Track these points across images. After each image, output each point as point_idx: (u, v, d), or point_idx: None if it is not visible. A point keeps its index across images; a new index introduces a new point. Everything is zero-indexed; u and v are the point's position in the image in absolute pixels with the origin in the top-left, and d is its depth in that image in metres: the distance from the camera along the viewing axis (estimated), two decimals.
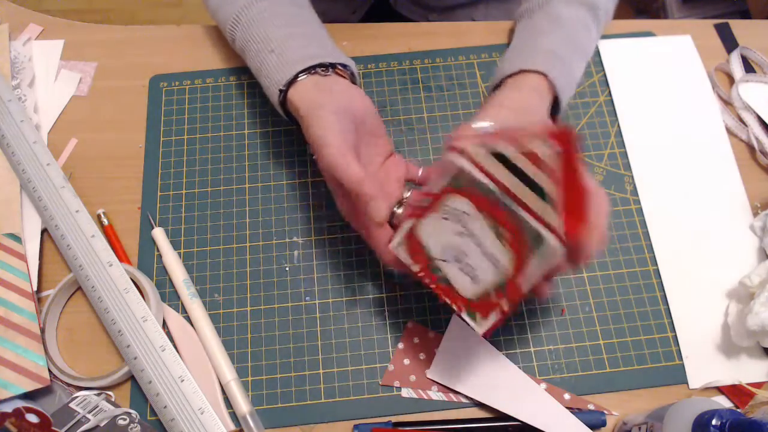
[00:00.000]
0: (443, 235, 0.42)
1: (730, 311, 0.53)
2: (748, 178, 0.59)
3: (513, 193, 0.39)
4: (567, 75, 0.53)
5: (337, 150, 0.44)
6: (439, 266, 0.43)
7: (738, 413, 0.39)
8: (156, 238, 0.56)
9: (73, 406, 0.48)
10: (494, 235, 0.41)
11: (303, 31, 0.54)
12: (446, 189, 0.41)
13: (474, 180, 0.40)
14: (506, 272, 0.41)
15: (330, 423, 0.50)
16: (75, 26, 0.68)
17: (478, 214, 0.41)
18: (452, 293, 0.43)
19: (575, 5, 0.57)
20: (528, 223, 0.39)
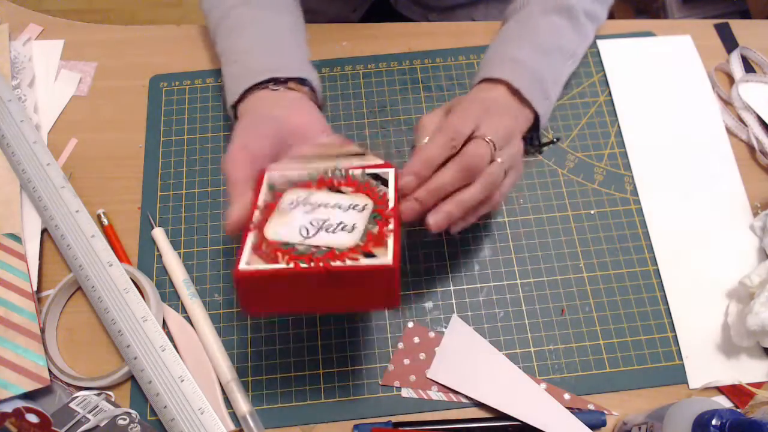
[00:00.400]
0: (294, 222, 0.40)
1: (730, 311, 0.53)
2: (748, 178, 0.59)
3: (330, 167, 0.43)
4: (535, 81, 0.53)
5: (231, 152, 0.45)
6: (307, 244, 0.39)
7: (738, 413, 0.39)
8: (156, 238, 0.56)
9: (73, 406, 0.48)
10: (339, 194, 0.42)
11: (267, 42, 0.54)
12: (273, 197, 0.42)
13: (289, 177, 0.43)
14: (370, 206, 0.41)
15: (330, 423, 0.50)
16: (75, 26, 0.68)
17: (311, 191, 0.42)
18: (334, 256, 0.38)
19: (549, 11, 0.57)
20: (361, 171, 0.43)
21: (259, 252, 0.38)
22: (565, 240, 0.56)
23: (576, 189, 0.58)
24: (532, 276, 0.55)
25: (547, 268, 0.55)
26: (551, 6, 0.57)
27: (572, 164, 0.60)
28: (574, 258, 0.55)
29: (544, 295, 0.54)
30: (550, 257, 0.55)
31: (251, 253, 0.38)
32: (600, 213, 0.57)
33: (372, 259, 0.37)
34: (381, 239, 0.38)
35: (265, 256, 0.38)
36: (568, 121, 0.62)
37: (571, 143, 0.61)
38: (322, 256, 0.37)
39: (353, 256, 0.37)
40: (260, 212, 0.41)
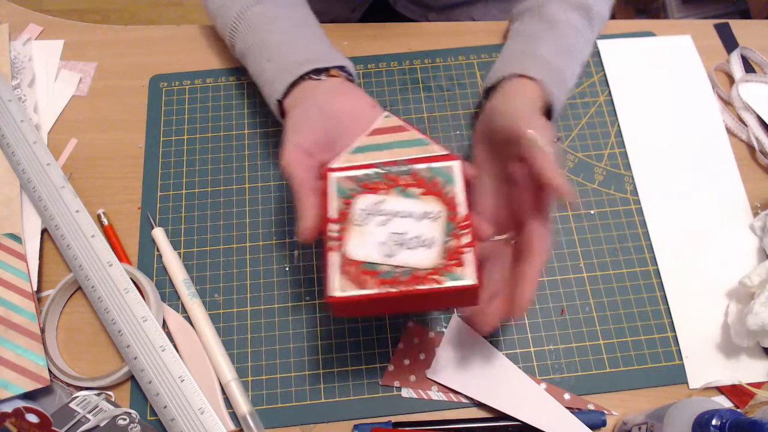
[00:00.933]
0: (372, 237, 0.41)
1: (730, 311, 0.53)
2: (748, 178, 0.59)
3: (393, 161, 0.42)
4: (560, 83, 0.53)
5: (288, 150, 0.45)
6: (391, 264, 0.40)
7: (738, 413, 0.39)
8: (156, 238, 0.56)
9: (73, 406, 0.48)
10: (410, 198, 0.42)
11: (297, 34, 0.54)
12: (343, 204, 0.42)
13: (355, 178, 0.42)
14: (443, 213, 0.41)
15: (330, 423, 0.50)
16: (75, 26, 0.68)
17: (383, 197, 0.42)
18: (419, 278, 0.39)
19: (569, 9, 0.56)
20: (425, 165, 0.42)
21: (346, 274, 0.40)
22: (565, 240, 0.56)
23: (576, 189, 0.58)
24: None
25: (547, 268, 0.55)
26: (571, 4, 0.57)
27: (572, 164, 0.60)
28: (574, 258, 0.55)
29: (544, 295, 0.54)
30: (550, 257, 0.55)
31: (339, 276, 0.40)
32: (600, 213, 0.57)
33: (455, 280, 0.39)
34: (459, 256, 0.40)
35: (353, 279, 0.40)
36: (568, 121, 0.62)
37: (571, 143, 0.61)
38: (408, 279, 0.39)
39: (437, 278, 0.39)
40: (336, 225, 0.41)
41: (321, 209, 0.43)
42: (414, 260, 0.40)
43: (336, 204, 0.42)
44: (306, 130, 0.46)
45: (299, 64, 0.51)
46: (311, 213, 0.42)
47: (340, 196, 0.42)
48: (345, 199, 0.42)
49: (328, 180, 0.43)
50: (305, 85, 0.50)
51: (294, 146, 0.45)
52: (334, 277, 0.40)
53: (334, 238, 0.41)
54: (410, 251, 0.40)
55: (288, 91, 0.51)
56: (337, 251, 0.41)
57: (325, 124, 0.47)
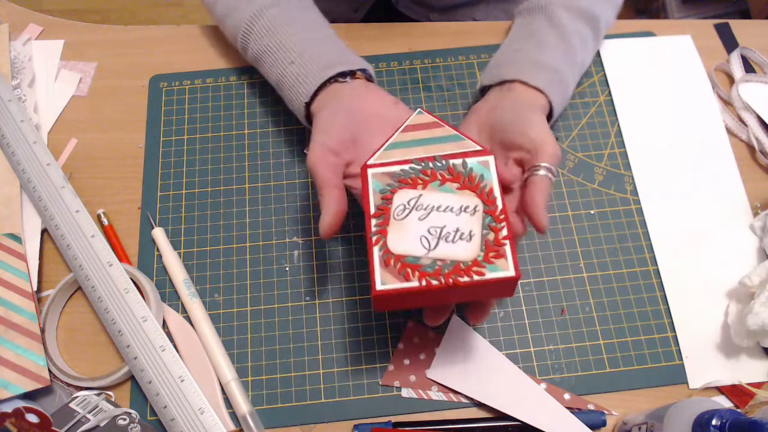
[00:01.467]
0: (412, 231, 0.42)
1: (730, 311, 0.53)
2: (748, 178, 0.59)
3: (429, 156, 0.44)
4: (564, 96, 0.54)
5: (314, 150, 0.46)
6: (432, 258, 0.41)
7: (738, 413, 0.39)
8: (156, 238, 0.56)
9: (73, 406, 0.48)
10: (447, 192, 0.43)
11: (317, 37, 0.55)
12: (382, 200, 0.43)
13: (392, 173, 0.43)
14: (481, 207, 0.42)
15: (330, 423, 0.50)
16: (75, 26, 0.68)
17: (420, 192, 0.43)
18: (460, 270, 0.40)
19: (578, 19, 0.56)
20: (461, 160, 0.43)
21: (388, 268, 0.41)
22: (565, 240, 0.56)
23: (576, 189, 0.58)
24: (532, 276, 0.55)
25: (547, 268, 0.55)
26: (579, 14, 0.56)
27: (572, 164, 0.60)
28: (574, 258, 0.55)
29: (544, 295, 0.54)
30: (550, 257, 0.55)
31: (383, 270, 0.41)
32: (600, 213, 0.57)
33: (496, 272, 0.40)
34: (499, 248, 0.41)
35: (396, 273, 0.41)
36: (568, 121, 0.62)
37: (571, 143, 0.61)
38: (450, 272, 0.40)
39: (478, 270, 0.40)
40: (376, 220, 0.42)
41: (341, 206, 0.44)
42: (455, 253, 0.41)
43: (375, 200, 0.43)
44: (333, 130, 0.47)
45: (325, 67, 0.51)
46: (330, 210, 0.44)
47: (378, 192, 0.43)
48: (383, 195, 0.43)
49: (367, 176, 0.44)
50: (332, 88, 0.51)
51: (320, 146, 0.46)
52: (377, 272, 0.41)
53: (376, 233, 0.42)
54: (450, 244, 0.41)
55: (315, 94, 0.51)
56: (379, 246, 0.42)
57: (351, 124, 0.48)
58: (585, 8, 0.56)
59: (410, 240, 0.42)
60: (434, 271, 0.41)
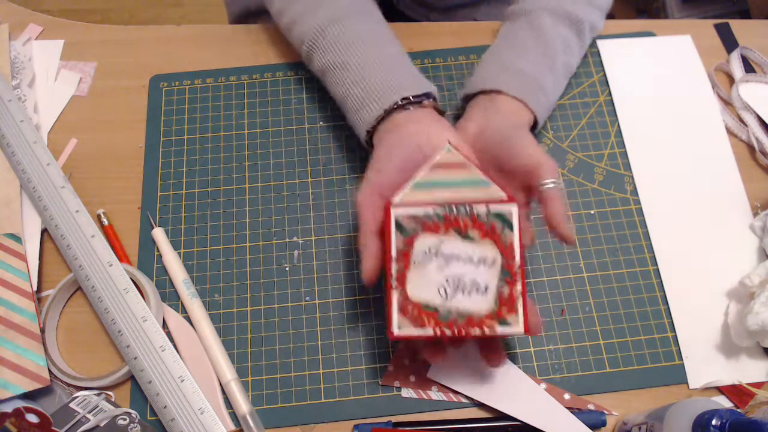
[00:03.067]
0: (431, 278, 0.44)
1: (730, 311, 0.53)
2: (748, 178, 0.59)
3: (454, 201, 0.44)
4: (545, 103, 0.54)
5: (363, 189, 0.46)
6: (447, 308, 0.43)
7: (738, 413, 0.39)
8: (156, 238, 0.56)
9: (73, 406, 0.48)
10: (468, 241, 0.44)
11: (382, 56, 0.53)
12: (404, 244, 0.44)
13: (416, 216, 0.44)
14: (499, 258, 0.43)
15: (330, 423, 0.50)
16: (75, 26, 0.68)
17: (442, 238, 0.44)
18: (473, 322, 0.43)
19: (560, 23, 0.56)
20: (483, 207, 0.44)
21: (406, 313, 0.43)
22: None
23: (576, 189, 0.58)
24: (532, 276, 0.55)
25: (547, 268, 0.55)
26: (562, 17, 0.56)
27: (572, 164, 0.60)
28: (574, 258, 0.55)
29: (544, 295, 0.54)
30: (550, 257, 0.55)
31: (400, 315, 0.43)
32: (600, 213, 0.57)
33: (506, 327, 0.43)
34: (512, 304, 0.43)
35: (413, 319, 0.43)
36: (568, 121, 0.62)
37: (571, 143, 0.61)
38: (463, 323, 0.43)
39: (489, 324, 0.43)
40: (396, 264, 0.44)
41: (381, 252, 0.45)
42: (469, 305, 0.43)
43: (397, 242, 0.44)
44: (387, 170, 0.47)
45: (387, 90, 0.50)
46: (371, 259, 0.45)
47: (401, 235, 0.44)
48: (406, 238, 0.44)
49: (391, 216, 0.44)
50: (395, 118, 0.50)
51: (370, 186, 0.46)
52: (394, 317, 0.43)
53: (396, 277, 0.44)
54: (467, 296, 0.43)
55: (377, 123, 0.50)
56: (399, 291, 0.43)
57: (407, 163, 0.47)
58: (569, 12, 0.56)
59: (428, 288, 0.43)
60: (448, 321, 0.43)
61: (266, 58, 0.65)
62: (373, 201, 0.46)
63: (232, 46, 0.66)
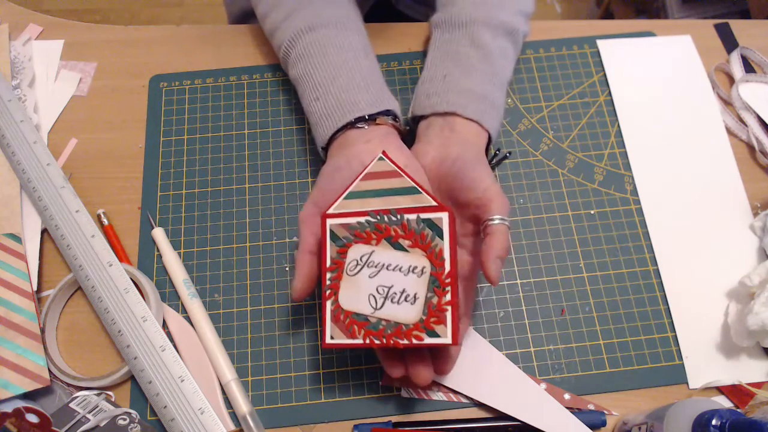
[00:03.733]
0: (362, 287, 0.44)
1: (730, 311, 0.53)
2: (748, 178, 0.59)
3: (385, 209, 0.45)
4: (498, 119, 0.54)
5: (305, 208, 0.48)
6: (377, 317, 0.44)
7: (738, 413, 0.39)
8: (156, 238, 0.56)
9: (73, 406, 0.48)
10: (398, 250, 0.44)
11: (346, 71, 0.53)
12: (338, 253, 0.45)
13: (349, 226, 0.45)
14: (428, 267, 0.43)
15: (330, 423, 0.50)
16: (75, 26, 0.68)
17: (373, 248, 0.45)
18: (401, 333, 0.43)
19: (499, 36, 0.56)
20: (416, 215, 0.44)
21: (338, 322, 0.45)
22: (565, 240, 0.56)
23: (576, 189, 0.58)
24: (532, 276, 0.55)
25: (547, 268, 0.55)
26: (499, 29, 0.56)
27: (572, 164, 0.60)
28: (574, 258, 0.55)
29: (544, 295, 0.54)
30: (550, 257, 0.55)
31: (333, 324, 0.45)
32: (600, 213, 0.57)
33: (434, 338, 0.43)
34: (440, 314, 0.43)
35: (344, 328, 0.44)
36: (568, 121, 0.62)
37: (571, 143, 0.61)
38: (392, 333, 0.43)
39: (417, 334, 0.43)
40: (331, 273, 0.45)
41: (313, 272, 0.47)
42: (398, 314, 0.44)
43: (331, 252, 0.45)
44: (328, 190, 0.48)
45: (344, 109, 0.51)
46: (301, 275, 0.46)
47: (335, 245, 0.45)
48: (339, 248, 0.45)
49: (326, 226, 0.46)
50: (347, 135, 0.51)
51: (311, 204, 0.48)
52: (328, 327, 0.45)
53: (330, 287, 0.45)
54: (396, 305, 0.44)
55: (331, 138, 0.51)
56: (332, 300, 0.45)
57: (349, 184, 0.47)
58: (504, 23, 0.56)
59: (360, 297, 0.44)
60: (378, 330, 0.44)
61: (266, 58, 0.65)
62: (314, 221, 0.47)
63: (232, 46, 0.66)
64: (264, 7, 0.59)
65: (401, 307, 0.43)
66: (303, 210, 0.48)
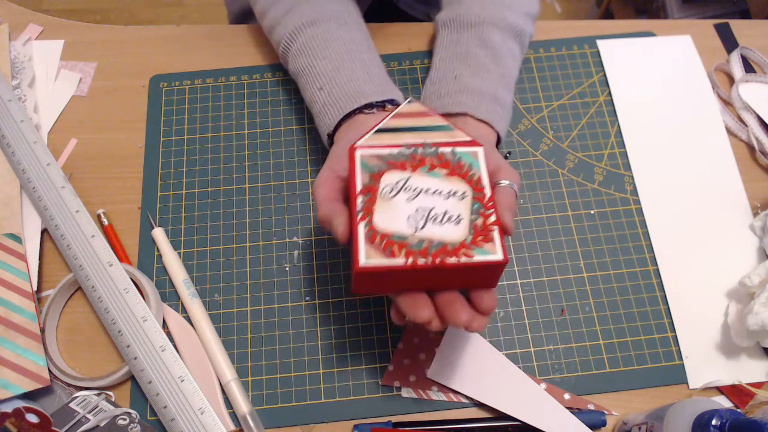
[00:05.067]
0: (400, 210, 0.41)
1: (730, 311, 0.53)
2: (748, 178, 0.59)
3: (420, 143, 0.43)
4: (507, 120, 0.54)
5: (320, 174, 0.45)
6: (420, 238, 0.40)
7: (738, 413, 0.39)
8: (156, 238, 0.56)
9: (73, 406, 0.48)
10: (436, 177, 0.42)
11: (350, 61, 0.53)
12: (370, 179, 0.42)
13: (381, 156, 0.43)
14: (469, 193, 0.42)
15: (330, 423, 0.50)
16: (75, 26, 0.68)
17: (409, 174, 0.42)
18: (448, 251, 0.39)
19: (508, 38, 0.56)
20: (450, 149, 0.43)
21: (374, 244, 0.40)
22: (565, 240, 0.56)
23: (576, 189, 0.58)
24: (532, 276, 0.55)
25: (547, 268, 0.55)
26: (508, 31, 0.56)
27: (572, 164, 0.60)
28: (574, 258, 0.55)
29: (544, 295, 0.54)
30: (550, 257, 0.55)
31: (368, 246, 0.40)
32: (600, 213, 0.57)
33: (484, 254, 0.39)
34: (487, 233, 0.40)
35: (381, 250, 0.39)
36: (568, 121, 0.62)
37: (571, 143, 0.61)
38: (437, 252, 0.39)
39: (466, 252, 0.39)
40: (363, 197, 0.41)
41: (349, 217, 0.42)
42: (442, 234, 0.40)
43: (363, 178, 0.42)
44: (345, 160, 0.46)
45: (350, 97, 0.50)
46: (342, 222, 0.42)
47: (366, 172, 0.42)
48: (372, 174, 0.42)
49: (355, 156, 0.43)
50: (355, 119, 0.50)
51: (328, 170, 0.45)
52: (362, 247, 0.39)
53: (362, 209, 0.41)
54: (438, 225, 0.40)
55: (338, 124, 0.51)
56: (365, 223, 0.40)
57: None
58: (513, 25, 0.56)
59: (397, 219, 0.41)
60: (421, 250, 0.39)
61: (266, 58, 0.65)
62: (333, 182, 0.44)
63: (232, 46, 0.66)
64: (262, 4, 0.59)
65: (445, 227, 0.40)
66: (318, 176, 0.45)
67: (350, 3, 0.58)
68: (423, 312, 0.40)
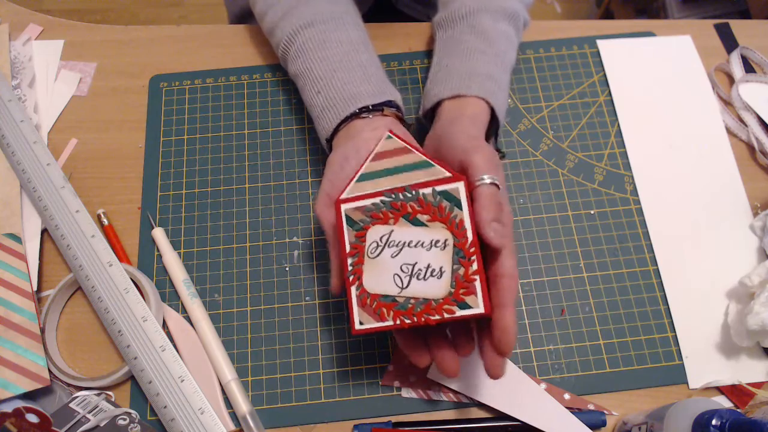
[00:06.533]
0: (386, 268, 0.43)
1: (730, 311, 0.53)
2: (748, 178, 0.59)
3: (399, 187, 0.44)
4: (502, 98, 0.53)
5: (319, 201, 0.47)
6: (405, 296, 0.42)
7: (738, 413, 0.39)
8: (156, 238, 0.56)
9: (73, 406, 0.48)
10: (417, 226, 0.43)
11: (347, 63, 0.53)
12: (357, 237, 0.44)
13: (365, 208, 0.44)
14: (451, 239, 0.42)
15: (330, 423, 0.50)
16: (75, 26, 0.68)
17: (390, 227, 0.44)
18: (432, 309, 0.41)
19: (500, 20, 0.55)
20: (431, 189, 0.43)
21: (365, 307, 0.43)
22: (565, 240, 0.56)
23: (576, 189, 0.58)
24: (532, 276, 0.55)
25: (547, 268, 0.55)
26: (499, 13, 0.55)
27: (572, 164, 0.60)
28: (574, 258, 0.55)
29: (544, 295, 0.54)
30: (550, 257, 0.55)
31: (360, 310, 0.43)
32: (600, 213, 0.57)
33: (466, 309, 0.41)
34: (469, 284, 0.41)
35: (372, 312, 0.43)
36: (568, 121, 0.62)
37: (571, 143, 0.61)
38: (422, 310, 0.42)
39: (448, 308, 0.41)
40: (352, 259, 0.44)
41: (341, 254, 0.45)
42: (426, 291, 0.42)
43: (350, 237, 0.44)
44: (339, 179, 0.47)
45: (346, 100, 0.50)
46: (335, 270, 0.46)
47: (352, 229, 0.44)
48: (357, 232, 0.44)
49: (341, 213, 0.45)
50: (352, 125, 0.50)
51: (324, 196, 0.47)
52: (355, 312, 0.43)
53: (352, 272, 0.44)
54: (422, 282, 0.42)
55: (336, 129, 0.51)
56: (356, 286, 0.43)
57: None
58: (505, 8, 0.56)
59: (384, 279, 0.43)
60: (407, 310, 0.42)
61: (266, 58, 0.65)
62: (330, 212, 0.46)
63: (232, 46, 0.66)
64: (262, 5, 0.59)
65: (428, 282, 0.42)
66: (317, 203, 0.47)
67: (349, 4, 0.58)
68: (422, 359, 0.44)
